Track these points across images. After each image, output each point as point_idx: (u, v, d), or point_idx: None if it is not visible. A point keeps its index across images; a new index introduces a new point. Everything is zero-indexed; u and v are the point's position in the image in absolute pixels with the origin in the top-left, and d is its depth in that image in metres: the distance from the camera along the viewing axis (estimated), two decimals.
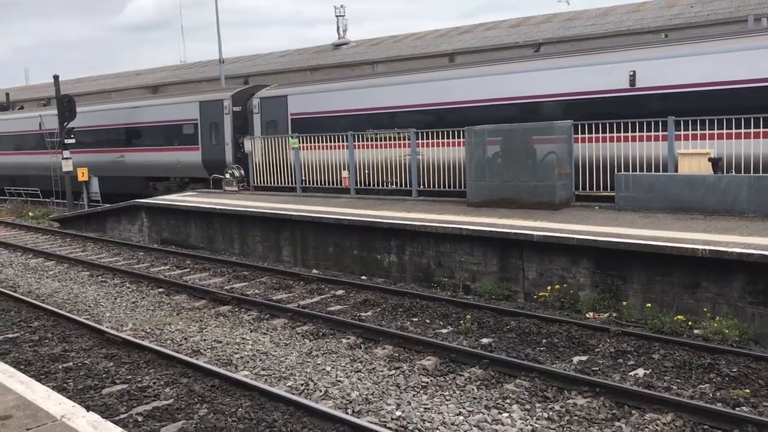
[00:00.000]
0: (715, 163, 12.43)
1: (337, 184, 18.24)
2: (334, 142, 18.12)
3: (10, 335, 10.61)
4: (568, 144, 13.85)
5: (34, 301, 12.46)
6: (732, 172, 12.43)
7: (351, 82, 20.69)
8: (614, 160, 13.72)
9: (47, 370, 8.91)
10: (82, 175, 25.37)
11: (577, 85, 14.84)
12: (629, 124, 13.46)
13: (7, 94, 41.48)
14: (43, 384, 6.27)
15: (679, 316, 9.70)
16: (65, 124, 25.18)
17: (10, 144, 32.52)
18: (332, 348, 9.53)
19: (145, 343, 9.75)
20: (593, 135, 13.93)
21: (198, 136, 22.94)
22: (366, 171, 17.70)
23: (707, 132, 12.72)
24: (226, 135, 21.99)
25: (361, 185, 17.85)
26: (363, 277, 13.82)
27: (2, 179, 33.33)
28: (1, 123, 33.60)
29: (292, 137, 19.03)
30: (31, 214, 26.24)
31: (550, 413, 7.18)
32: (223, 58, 32.17)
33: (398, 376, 8.38)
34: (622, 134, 13.54)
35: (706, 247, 9.56)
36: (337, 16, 37.58)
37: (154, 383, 8.29)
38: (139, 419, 7.26)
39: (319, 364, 8.91)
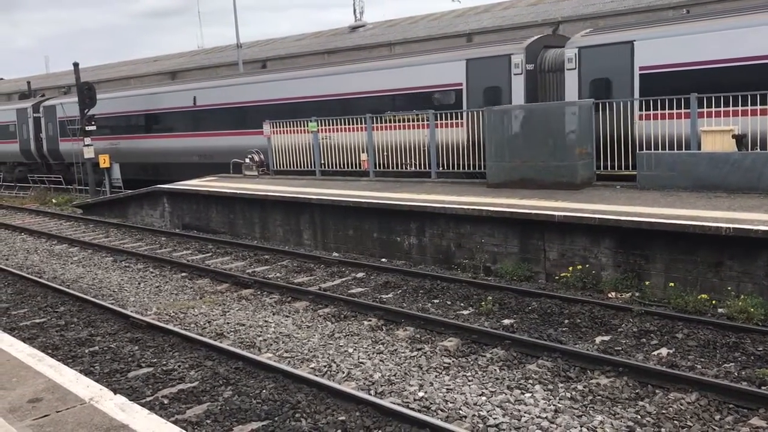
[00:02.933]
0: (740, 140, 12.25)
1: (356, 167, 18.22)
2: (352, 124, 18.10)
3: (37, 320, 10.78)
4: (590, 123, 13.70)
5: (60, 287, 12.64)
6: (757, 149, 12.24)
7: None
8: (636, 139, 13.56)
9: (74, 354, 9.06)
10: (104, 161, 25.62)
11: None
12: (651, 101, 13.28)
13: (29, 83, 41.90)
14: (71, 368, 6.37)
15: (703, 295, 9.61)
16: (85, 111, 25.36)
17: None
18: (354, 330, 9.59)
19: (170, 326, 9.87)
20: (615, 113, 13.76)
21: (464, 104, 16.89)
22: (385, 153, 17.66)
23: (731, 109, 12.52)
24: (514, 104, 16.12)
25: (380, 168, 17.82)
26: (383, 260, 13.85)
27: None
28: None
29: (310, 121, 19.01)
30: (54, 201, 26.56)
31: (573, 393, 7.18)
32: (241, 42, 32.16)
33: (420, 357, 8.41)
34: (643, 112, 13.37)
35: (731, 225, 9.45)
36: None
37: (179, 366, 8.40)
38: (165, 402, 7.37)
39: (341, 346, 8.96)
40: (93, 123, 25.48)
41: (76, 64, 26.81)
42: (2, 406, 5.00)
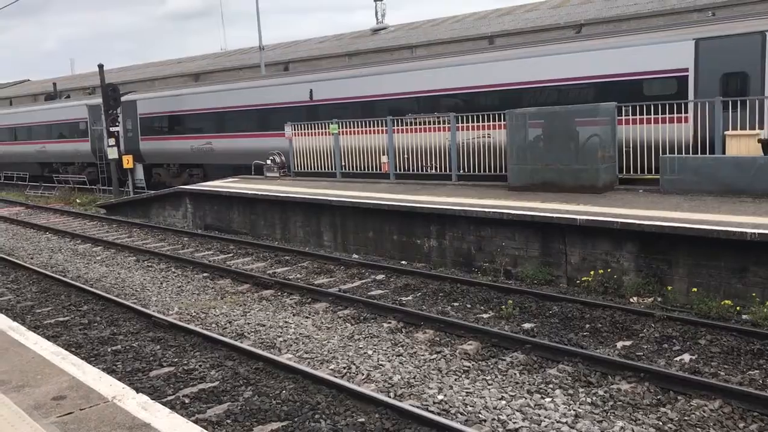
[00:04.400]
0: (766, 144, 12.09)
1: (376, 170, 18.24)
2: (373, 126, 18.12)
3: (61, 318, 10.92)
4: (612, 126, 13.62)
5: (83, 286, 12.79)
6: None
7: None
8: (659, 143, 13.44)
9: (97, 353, 9.16)
10: (127, 162, 25.90)
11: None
12: (674, 105, 13.16)
13: (54, 84, 42.52)
14: (94, 366, 6.45)
15: (727, 301, 9.50)
16: (110, 112, 25.67)
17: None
18: (373, 332, 9.59)
19: (191, 326, 9.95)
20: (637, 117, 13.65)
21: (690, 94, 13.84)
22: (405, 156, 17.66)
23: (756, 113, 12.36)
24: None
25: (400, 170, 17.82)
26: (403, 262, 13.84)
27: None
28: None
29: (332, 123, 19.07)
30: (78, 200, 26.89)
31: (594, 398, 7.12)
32: (263, 45, 32.33)
33: (440, 360, 8.40)
34: (667, 116, 13.24)
35: (756, 231, 9.32)
36: (375, 0, 37.48)
37: (200, 366, 8.46)
38: (186, 401, 7.42)
39: (360, 347, 8.97)
40: (118, 124, 25.75)
41: (101, 66, 27.14)
42: (27, 402, 5.08)
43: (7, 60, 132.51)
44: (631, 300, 10.36)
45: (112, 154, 25.53)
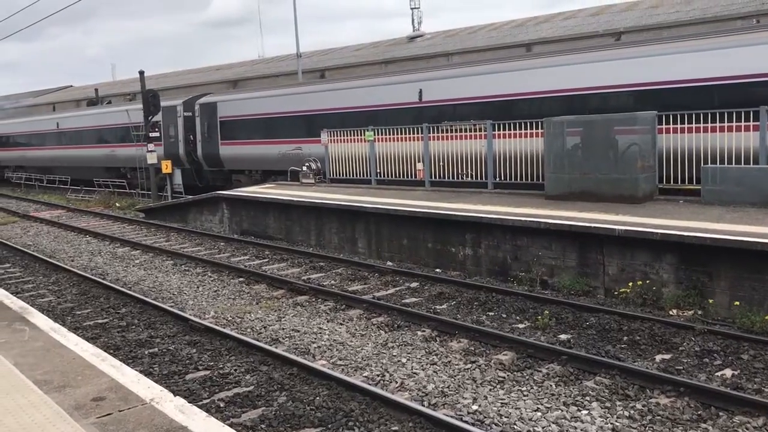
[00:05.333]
0: None
1: (411, 177, 18.23)
2: (408, 134, 18.10)
3: (100, 321, 11.11)
4: (652, 135, 13.41)
5: (122, 289, 13.00)
6: None
7: None
8: (701, 152, 13.19)
9: (134, 355, 9.29)
10: (166, 167, 26.28)
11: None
12: (717, 114, 12.91)
13: (96, 90, 43.46)
14: (132, 368, 6.54)
15: None
16: (150, 117, 26.09)
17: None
18: (407, 340, 9.56)
19: (227, 330, 10.03)
20: (678, 125, 13.43)
21: None
22: (441, 163, 17.61)
23: None
24: None
25: (436, 177, 17.78)
26: (437, 270, 13.79)
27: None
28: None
29: (367, 130, 19.12)
30: (117, 204, 27.37)
31: (632, 412, 7.00)
32: (300, 52, 32.62)
33: (474, 370, 8.33)
34: (709, 125, 12.99)
35: None
36: (412, 8, 37.59)
37: (235, 370, 8.52)
38: (221, 405, 7.48)
39: (394, 355, 8.95)
40: (156, 129, 26.16)
41: (141, 72, 27.62)
42: (68, 403, 5.17)
43: (53, 66, 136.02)
44: (671, 312, 10.16)
45: (152, 159, 25.92)
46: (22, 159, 41.73)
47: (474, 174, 16.89)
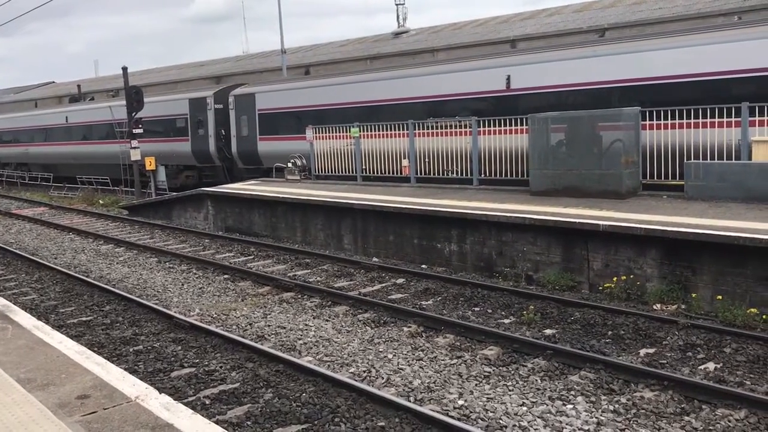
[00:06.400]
0: None
1: (397, 173, 18.22)
2: (394, 130, 18.09)
3: (84, 318, 11.03)
4: (636, 131, 13.50)
5: (106, 286, 12.90)
6: None
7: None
8: (683, 148, 13.30)
9: (119, 353, 9.23)
10: (150, 164, 26.09)
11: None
12: (699, 110, 13.02)
13: (79, 86, 43.03)
14: (117, 366, 6.49)
15: (752, 309, 9.36)
16: (133, 114, 25.91)
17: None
18: (393, 336, 9.57)
19: (212, 328, 9.99)
20: (662, 122, 13.52)
21: None
22: (426, 160, 17.62)
23: None
24: None
25: (421, 174, 17.80)
26: (423, 266, 13.81)
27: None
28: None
29: (352, 126, 19.09)
30: (101, 202, 27.16)
31: (616, 406, 7.05)
32: (285, 48, 32.49)
33: (460, 365, 8.36)
34: (692, 120, 13.10)
35: None
36: (396, 4, 37.51)
37: (221, 367, 8.49)
38: (207, 402, 7.45)
39: (380, 351, 8.96)
40: (141, 126, 25.97)
41: (124, 68, 27.43)
42: (52, 401, 5.12)
43: (35, 62, 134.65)
44: (655, 307, 10.25)
45: (135, 155, 25.74)
46: (24, 156, 38.82)
47: (459, 170, 16.92)
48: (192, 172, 27.11)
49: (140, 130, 26.09)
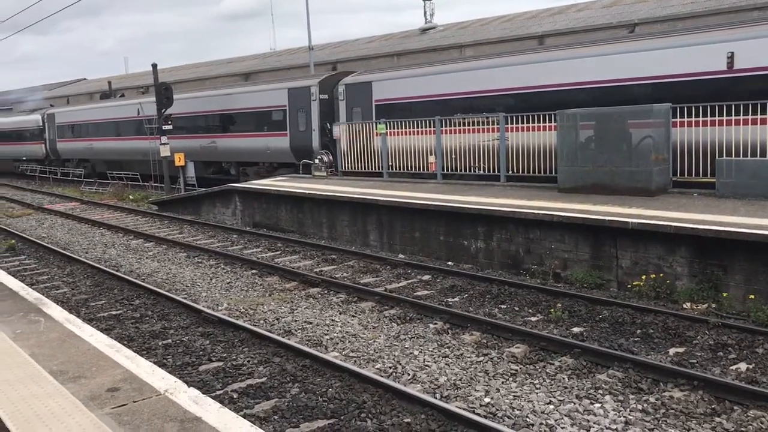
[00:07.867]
0: None
1: (423, 170, 18.19)
2: (421, 127, 18.05)
3: (114, 312, 11.18)
4: (666, 128, 13.31)
5: (135, 280, 13.07)
6: None
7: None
8: (715, 145, 13.07)
9: (148, 346, 9.35)
10: (179, 160, 26.34)
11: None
12: (731, 107, 12.79)
13: (110, 83, 43.61)
14: (146, 359, 6.58)
15: None
16: (163, 111, 26.16)
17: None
18: (419, 332, 9.57)
19: (240, 322, 10.07)
20: (692, 119, 13.31)
21: None
22: (453, 156, 17.55)
23: None
24: None
25: (447, 170, 17.73)
26: (449, 263, 13.77)
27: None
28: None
29: (379, 123, 19.09)
30: (131, 197, 27.51)
31: (645, 405, 6.97)
32: (312, 45, 32.56)
33: (486, 362, 8.33)
34: (724, 117, 12.87)
35: None
36: (423, 0, 37.38)
37: (248, 361, 8.56)
38: (234, 396, 7.52)
39: (406, 347, 8.96)
40: (170, 122, 26.21)
41: (154, 65, 27.72)
42: (83, 393, 5.21)
43: (68, 60, 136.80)
44: (685, 306, 10.11)
45: (164, 152, 26.01)
46: (88, 152, 35.95)
47: (486, 167, 16.82)
48: (287, 169, 23.90)
49: (170, 127, 26.31)
